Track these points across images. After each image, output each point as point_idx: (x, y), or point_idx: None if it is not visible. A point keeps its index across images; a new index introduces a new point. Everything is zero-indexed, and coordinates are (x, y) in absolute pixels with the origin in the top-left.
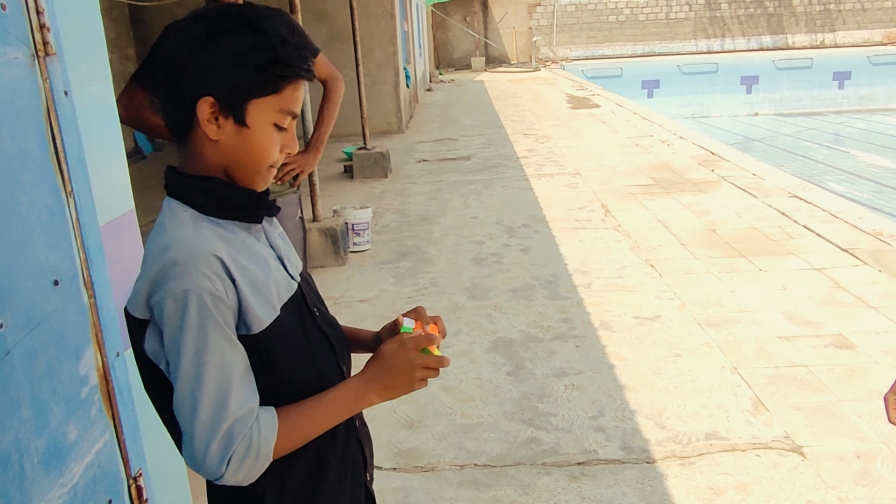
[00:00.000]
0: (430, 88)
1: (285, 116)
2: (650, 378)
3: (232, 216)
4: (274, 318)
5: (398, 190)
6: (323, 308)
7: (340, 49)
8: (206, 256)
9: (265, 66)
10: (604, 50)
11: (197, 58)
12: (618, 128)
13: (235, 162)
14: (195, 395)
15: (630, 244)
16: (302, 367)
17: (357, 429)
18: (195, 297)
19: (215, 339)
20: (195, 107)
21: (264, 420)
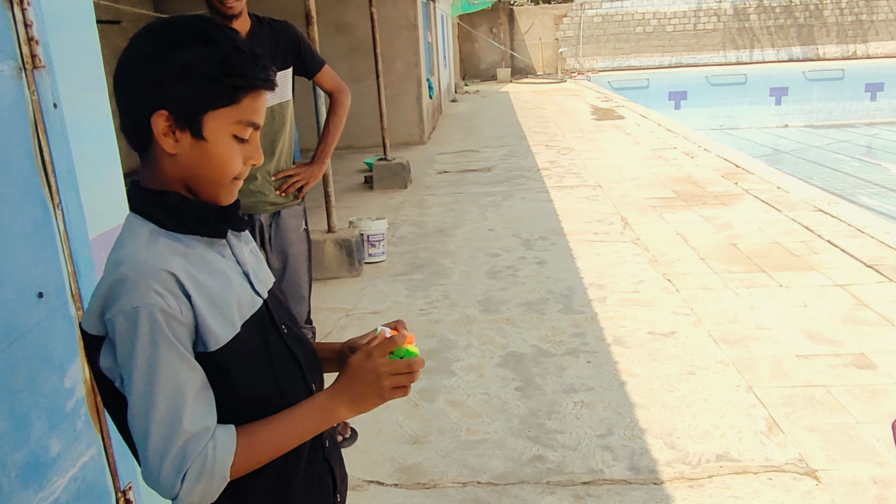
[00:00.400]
0: (454, 99)
1: (245, 128)
2: (662, 396)
3: (191, 231)
4: (233, 335)
5: (416, 201)
6: (293, 326)
7: (362, 60)
8: (158, 272)
9: (218, 77)
10: (630, 61)
11: (147, 72)
12: (641, 140)
13: (195, 175)
14: (147, 413)
15: (648, 258)
16: (262, 386)
17: (326, 449)
18: (146, 314)
19: (167, 356)
20: (150, 121)
21: (221, 438)
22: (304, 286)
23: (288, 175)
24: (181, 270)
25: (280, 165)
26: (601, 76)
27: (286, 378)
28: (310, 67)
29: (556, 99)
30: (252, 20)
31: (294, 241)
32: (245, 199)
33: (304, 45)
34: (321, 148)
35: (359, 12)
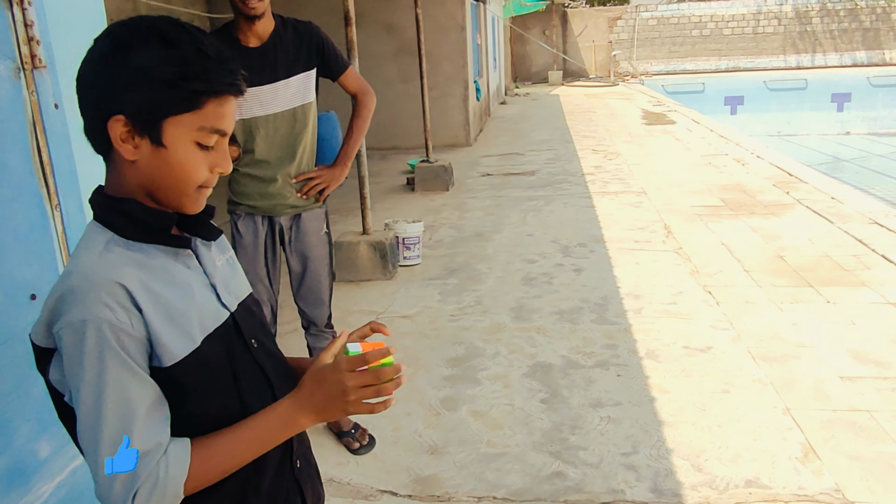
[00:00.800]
0: (504, 102)
1: (209, 134)
2: (692, 414)
3: (151, 240)
4: (191, 349)
5: (457, 204)
6: (265, 339)
7: (410, 61)
8: (108, 284)
9: (176, 82)
10: (686, 65)
11: (102, 75)
12: (692, 145)
13: (156, 184)
14: (96, 430)
15: (689, 268)
16: (223, 403)
17: (297, 469)
18: (93, 328)
19: (115, 371)
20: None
21: (174, 455)
22: (324, 290)
23: (309, 177)
24: (134, 282)
25: (301, 168)
26: (655, 80)
27: (252, 394)
28: (334, 69)
29: (607, 102)
30: (276, 21)
31: (315, 244)
32: (265, 202)
33: (328, 46)
34: (343, 150)
35: (407, 13)
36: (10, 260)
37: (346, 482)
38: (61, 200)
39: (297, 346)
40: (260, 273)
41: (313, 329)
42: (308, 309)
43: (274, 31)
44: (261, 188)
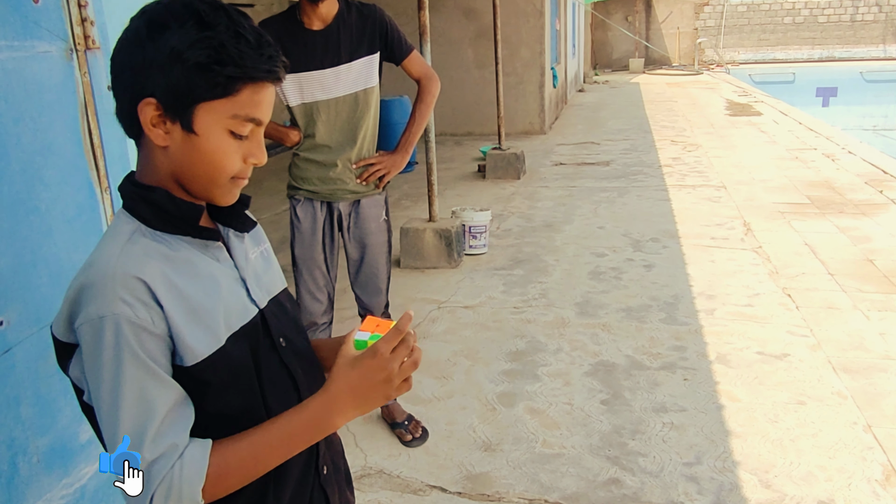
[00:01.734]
0: (582, 89)
1: (243, 123)
2: (763, 426)
3: (178, 231)
4: (215, 348)
5: (528, 193)
6: (296, 337)
7: (488, 46)
8: (127, 279)
9: (209, 66)
10: (776, 53)
11: (135, 56)
12: (778, 138)
13: (187, 172)
14: (112, 431)
15: (768, 269)
16: (247, 404)
17: (324, 475)
18: (111, 325)
19: (132, 371)
20: (138, 109)
21: (190, 458)
22: (381, 278)
23: (369, 163)
24: (156, 276)
25: (362, 153)
26: (741, 69)
27: (275, 396)
28: (397, 53)
29: (689, 92)
30: (340, 4)
31: (373, 231)
32: (325, 187)
33: (393, 30)
34: (405, 136)
35: None
36: (58, 243)
37: (395, 475)
38: (111, 183)
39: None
40: (317, 259)
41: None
42: (365, 297)
43: (338, 14)
44: (320, 173)
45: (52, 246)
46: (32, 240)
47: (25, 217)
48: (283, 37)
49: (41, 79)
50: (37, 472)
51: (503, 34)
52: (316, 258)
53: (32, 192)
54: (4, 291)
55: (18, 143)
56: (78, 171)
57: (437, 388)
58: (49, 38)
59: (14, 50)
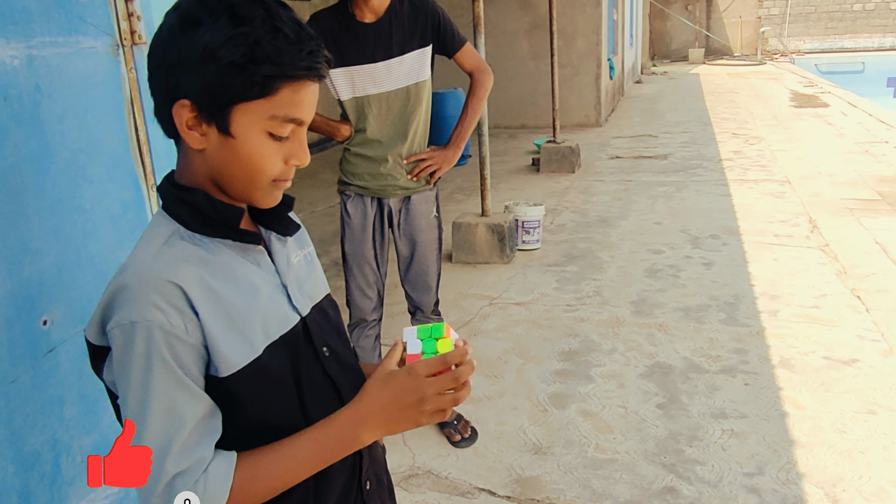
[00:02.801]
0: (639, 81)
1: (283, 124)
2: (830, 436)
3: (218, 234)
4: (251, 359)
5: (583, 187)
6: (339, 346)
7: (542, 38)
8: (162, 284)
9: (243, 64)
10: (844, 42)
11: (168, 53)
12: (846, 131)
13: (225, 176)
14: (138, 441)
15: (835, 269)
16: (285, 417)
17: (367, 491)
18: (143, 331)
19: (161, 381)
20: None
21: (215, 473)
22: (432, 275)
23: (420, 159)
24: (193, 282)
25: (413, 149)
26: (807, 59)
27: (318, 409)
28: (450, 46)
29: (752, 83)
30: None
31: (424, 227)
32: (375, 182)
33: (445, 22)
34: (457, 131)
35: None
36: (103, 240)
37: (444, 476)
38: (157, 181)
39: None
40: (367, 255)
41: (419, 315)
42: (415, 294)
43: (390, 7)
44: (371, 168)
45: (96, 244)
46: (76, 238)
47: (69, 215)
48: (334, 29)
49: (86, 75)
50: (80, 472)
51: (559, 25)
52: (366, 254)
53: (77, 190)
54: (48, 291)
55: (63, 140)
56: (123, 168)
57: (488, 387)
58: (94, 34)
59: (59, 46)
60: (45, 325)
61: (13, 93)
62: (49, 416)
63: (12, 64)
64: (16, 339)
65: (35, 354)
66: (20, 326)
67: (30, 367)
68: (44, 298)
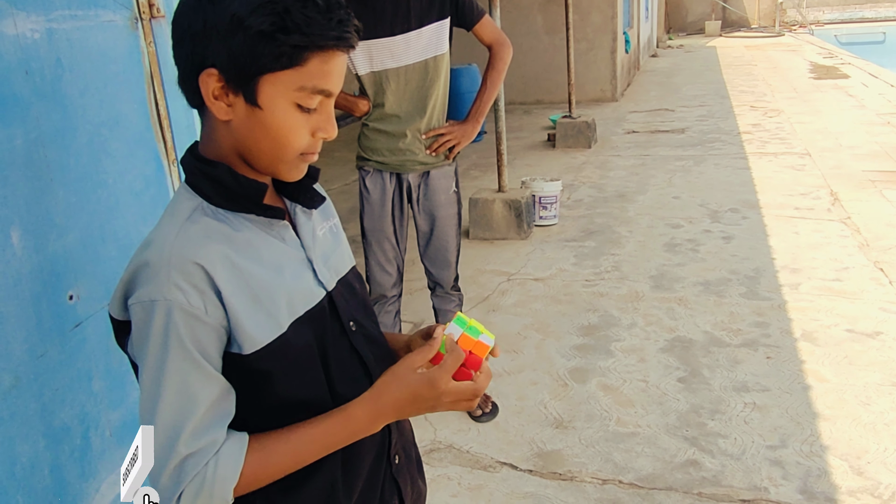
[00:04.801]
0: (655, 54)
1: (311, 95)
2: (854, 409)
3: (242, 209)
4: (276, 335)
5: (599, 162)
6: (366, 321)
7: (558, 12)
8: (184, 263)
9: (272, 33)
10: (864, 12)
11: (195, 21)
12: (867, 102)
13: (251, 148)
14: (149, 419)
15: (858, 241)
16: (311, 393)
17: (396, 465)
18: (162, 310)
19: (177, 361)
20: (199, 80)
21: (226, 455)
22: (451, 251)
23: (439, 133)
24: (217, 259)
25: (432, 123)
26: (826, 29)
27: (345, 384)
28: (468, 18)
29: (770, 55)
30: None
31: (443, 203)
32: (394, 158)
33: None
34: (476, 105)
35: None
36: (125, 216)
37: (465, 450)
38: (178, 155)
39: (425, 306)
40: (387, 231)
41: (439, 290)
42: (434, 269)
43: None
44: (390, 144)
45: (119, 219)
46: (100, 214)
47: (93, 191)
48: (351, 2)
49: (106, 49)
50: (109, 445)
51: None
52: (385, 230)
53: (99, 165)
54: (74, 266)
55: (85, 115)
56: (144, 142)
57: (508, 363)
58: (113, 7)
59: (79, 20)
60: (70, 299)
61: (34, 66)
62: (77, 391)
63: (33, 37)
64: (43, 313)
65: (62, 329)
66: (47, 301)
67: (57, 341)
68: (69, 273)
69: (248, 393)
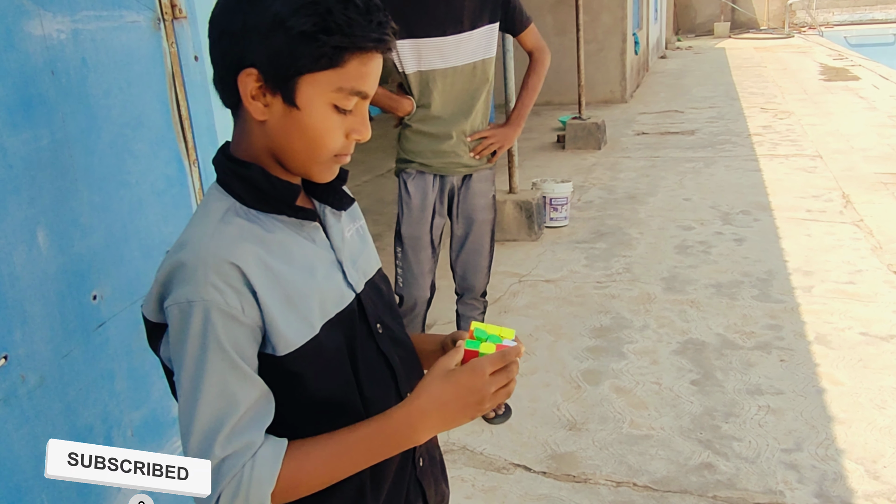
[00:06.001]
0: (663, 56)
1: (348, 97)
2: (869, 412)
3: (274, 210)
4: (309, 337)
5: (609, 164)
6: (392, 323)
7: (568, 12)
8: (220, 264)
9: (313, 34)
10: (874, 13)
11: (234, 20)
12: (878, 104)
13: (285, 148)
14: (188, 422)
15: (871, 244)
16: (341, 395)
17: (420, 468)
18: (200, 312)
19: (215, 363)
20: (237, 80)
21: (262, 459)
22: (485, 256)
23: (483, 136)
24: (252, 260)
25: (476, 126)
26: (836, 31)
27: (373, 386)
28: (517, 25)
29: (780, 56)
30: None
31: (482, 207)
32: (438, 160)
33: (514, 0)
34: (517, 110)
35: None
36: (148, 216)
37: (479, 451)
38: (199, 156)
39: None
40: (424, 238)
41: (467, 297)
42: (466, 275)
43: None
44: (434, 146)
45: (142, 220)
46: (123, 214)
47: (116, 191)
48: (406, 1)
49: (130, 49)
50: (131, 445)
51: None
52: (423, 238)
53: (123, 165)
54: (98, 266)
55: (109, 114)
56: (166, 143)
57: (520, 364)
58: (137, 8)
59: (103, 20)
60: (94, 299)
61: (60, 67)
62: (100, 391)
63: (59, 38)
64: (68, 313)
65: (86, 329)
66: (71, 301)
67: (81, 341)
68: (93, 273)
69: (279, 394)
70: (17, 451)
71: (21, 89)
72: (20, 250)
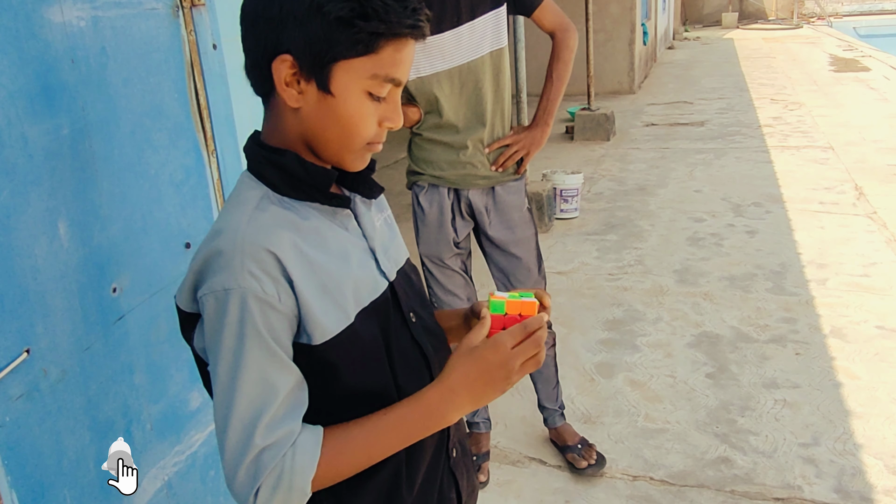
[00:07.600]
0: (671, 46)
1: (382, 84)
2: (887, 406)
3: (308, 197)
4: (344, 326)
5: (619, 155)
6: (423, 312)
7: (576, 3)
8: (257, 251)
9: (352, 20)
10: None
11: (270, 6)
12: (889, 95)
13: (318, 136)
14: (227, 412)
15: (885, 236)
16: (377, 384)
17: (453, 459)
18: (237, 299)
19: (254, 351)
20: (271, 66)
21: (302, 446)
22: (534, 280)
23: (505, 145)
24: (287, 248)
25: (496, 132)
26: (845, 22)
27: (407, 375)
28: (527, 3)
29: (789, 47)
30: None
31: (518, 223)
32: (453, 171)
33: None
34: (543, 105)
35: None
36: (166, 207)
37: (494, 444)
38: (217, 146)
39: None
40: (445, 256)
41: None
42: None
43: None
44: (448, 156)
45: (161, 211)
46: (142, 205)
47: (135, 182)
48: None
49: (149, 38)
50: (150, 439)
51: None
52: (444, 255)
53: (142, 155)
54: (117, 258)
55: (128, 104)
56: (185, 133)
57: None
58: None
59: (122, 7)
60: (114, 292)
61: (80, 55)
62: (120, 384)
63: (79, 25)
64: (88, 306)
65: (106, 322)
66: (92, 293)
67: (102, 334)
68: (113, 265)
69: (315, 384)
70: (40, 447)
71: (42, 77)
72: (42, 242)
